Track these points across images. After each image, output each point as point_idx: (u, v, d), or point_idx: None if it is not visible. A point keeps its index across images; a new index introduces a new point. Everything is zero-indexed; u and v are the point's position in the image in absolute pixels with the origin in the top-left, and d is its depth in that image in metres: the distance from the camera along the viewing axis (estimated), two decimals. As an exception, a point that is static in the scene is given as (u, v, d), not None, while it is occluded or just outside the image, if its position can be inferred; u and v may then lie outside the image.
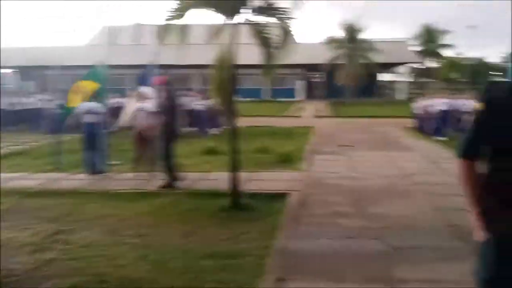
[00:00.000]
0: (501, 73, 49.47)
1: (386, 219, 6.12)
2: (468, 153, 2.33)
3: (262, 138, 13.83)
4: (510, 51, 43.64)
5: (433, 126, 15.60)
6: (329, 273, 4.38)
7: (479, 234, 2.36)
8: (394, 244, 5.12)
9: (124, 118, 9.49)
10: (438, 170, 9.54)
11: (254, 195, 7.09)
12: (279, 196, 7.25)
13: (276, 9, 6.78)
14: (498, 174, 2.26)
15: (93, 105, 9.43)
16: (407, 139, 15.08)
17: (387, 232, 5.57)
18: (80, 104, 9.42)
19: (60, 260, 4.79)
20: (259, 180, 8.43)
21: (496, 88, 2.35)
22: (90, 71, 9.86)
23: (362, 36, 40.06)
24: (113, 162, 9.93)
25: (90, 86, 9.45)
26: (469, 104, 13.98)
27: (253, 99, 36.29)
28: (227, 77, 6.73)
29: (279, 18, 6.81)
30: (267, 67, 7.06)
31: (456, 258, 4.59)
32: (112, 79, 10.89)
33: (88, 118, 9.40)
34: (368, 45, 38.69)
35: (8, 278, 4.35)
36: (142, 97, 9.22)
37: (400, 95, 42.90)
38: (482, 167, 2.33)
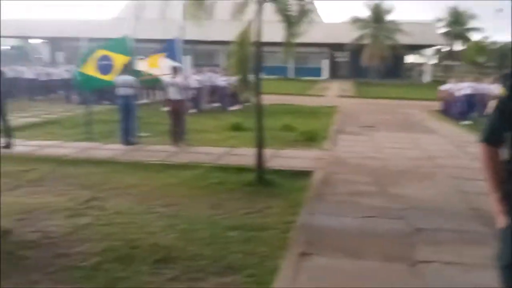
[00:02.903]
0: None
1: (408, 200, 6.18)
2: (491, 139, 2.31)
3: (286, 116, 13.92)
4: None
5: (458, 109, 15.43)
6: (349, 250, 4.47)
7: (500, 220, 2.35)
8: (417, 225, 5.18)
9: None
10: (462, 154, 9.52)
11: (278, 172, 7.24)
12: (303, 174, 7.38)
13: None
14: None
15: (127, 78, 9.66)
16: (431, 122, 14.96)
17: (411, 212, 5.64)
18: (116, 77, 9.68)
19: (93, 225, 5.05)
20: (283, 158, 8.57)
21: None
22: (112, 42, 10.07)
23: (388, 16, 39.45)
24: (143, 134, 10.24)
25: (121, 59, 9.67)
26: (494, 88, 13.79)
27: (278, 77, 36.26)
28: (248, 54, 6.78)
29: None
30: (288, 45, 7.07)
31: (478, 242, 4.70)
32: (139, 52, 11.08)
33: (122, 91, 9.66)
34: (394, 26, 38.08)
35: (45, 239, 4.62)
36: (175, 72, 9.56)
37: (426, 78, 42.18)
38: (504, 153, 2.31)
